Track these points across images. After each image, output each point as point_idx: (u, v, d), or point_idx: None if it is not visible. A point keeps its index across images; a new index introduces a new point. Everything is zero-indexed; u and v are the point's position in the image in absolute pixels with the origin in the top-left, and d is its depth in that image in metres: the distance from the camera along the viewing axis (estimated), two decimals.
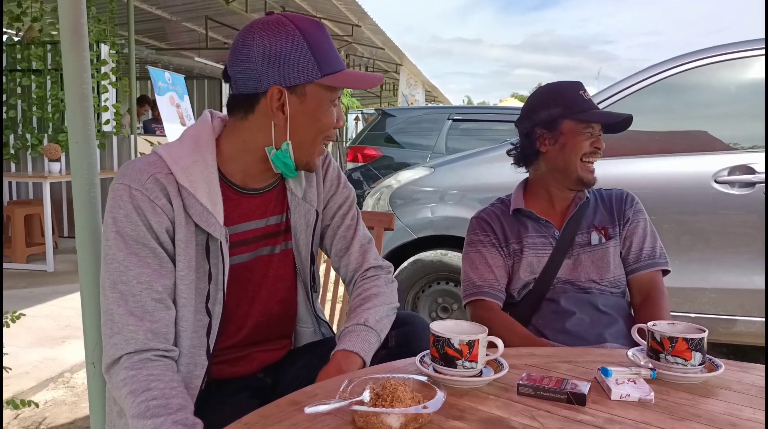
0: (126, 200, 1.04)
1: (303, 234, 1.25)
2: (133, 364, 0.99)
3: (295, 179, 1.23)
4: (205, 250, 1.10)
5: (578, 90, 1.54)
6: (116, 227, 1.03)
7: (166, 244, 1.06)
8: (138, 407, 0.95)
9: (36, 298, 4.07)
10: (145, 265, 1.03)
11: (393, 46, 12.20)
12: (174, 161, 1.08)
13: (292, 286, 1.28)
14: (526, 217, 1.57)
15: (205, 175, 1.09)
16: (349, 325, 1.15)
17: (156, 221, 1.04)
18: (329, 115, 1.12)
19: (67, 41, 1.41)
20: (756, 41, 2.66)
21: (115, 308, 1.02)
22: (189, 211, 1.07)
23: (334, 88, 1.11)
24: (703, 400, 0.91)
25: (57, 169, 5.15)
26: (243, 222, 1.17)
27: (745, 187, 2.55)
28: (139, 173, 1.05)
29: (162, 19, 9.44)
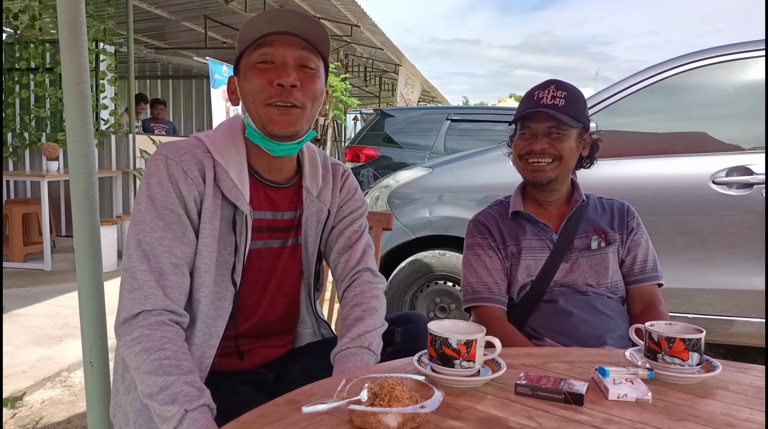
0: (162, 168, 1.11)
1: (313, 230, 1.29)
2: (150, 324, 1.03)
3: (311, 179, 1.27)
4: (232, 223, 1.16)
5: (535, 91, 1.52)
6: (149, 192, 1.10)
7: (192, 214, 1.12)
8: (151, 364, 0.98)
9: (33, 297, 4.06)
10: (170, 229, 1.09)
11: (392, 47, 12.21)
12: (211, 142, 1.17)
13: (297, 282, 1.31)
14: (524, 220, 1.57)
15: (236, 160, 1.17)
16: (353, 346, 1.14)
17: (186, 190, 1.11)
18: (253, 79, 1.14)
19: (65, 40, 1.41)
20: (755, 42, 2.66)
21: (138, 264, 1.06)
22: (220, 184, 1.14)
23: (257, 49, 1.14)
24: (700, 401, 0.91)
25: (55, 168, 5.14)
26: (261, 210, 1.22)
27: (743, 188, 2.56)
28: (177, 148, 1.15)
29: (161, 19, 9.44)
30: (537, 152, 1.48)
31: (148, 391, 0.97)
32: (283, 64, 1.13)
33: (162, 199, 1.10)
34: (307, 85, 1.15)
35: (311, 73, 1.17)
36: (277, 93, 1.13)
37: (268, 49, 1.14)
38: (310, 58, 1.16)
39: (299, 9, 8.94)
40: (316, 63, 1.18)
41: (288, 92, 1.13)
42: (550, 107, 1.46)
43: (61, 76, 1.45)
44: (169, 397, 0.95)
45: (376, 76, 16.79)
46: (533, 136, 1.50)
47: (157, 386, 0.96)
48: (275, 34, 1.14)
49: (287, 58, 1.14)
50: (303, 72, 1.15)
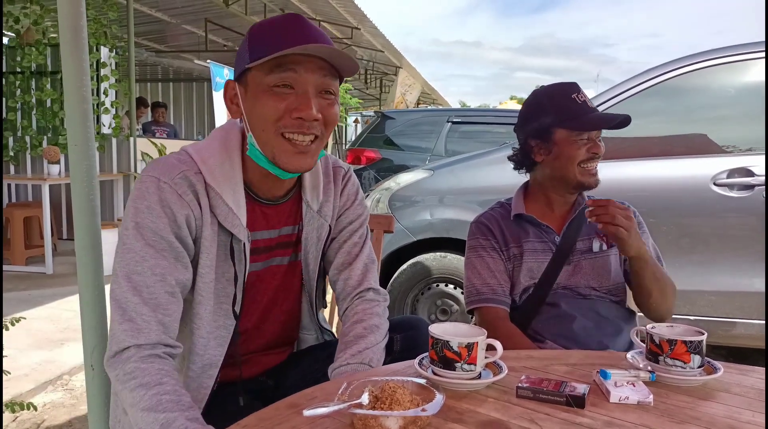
0: (152, 191, 1.02)
1: (313, 247, 1.22)
2: (144, 358, 0.96)
3: (311, 191, 1.20)
4: (230, 251, 1.10)
5: (571, 94, 1.49)
6: (137, 218, 1.02)
7: (186, 239, 1.05)
8: (150, 400, 0.92)
9: (35, 301, 4.06)
10: (161, 257, 1.01)
11: (392, 49, 12.21)
12: (203, 161, 1.08)
13: (297, 298, 1.27)
14: (526, 222, 1.57)
15: (231, 177, 1.09)
16: (353, 362, 1.10)
17: (181, 214, 1.03)
18: (267, 103, 1.02)
19: (66, 44, 1.41)
20: (756, 44, 2.66)
21: (130, 297, 0.99)
22: (215, 211, 1.07)
23: (275, 72, 1.01)
24: (702, 403, 0.91)
25: (56, 172, 5.15)
26: (258, 230, 1.15)
27: (744, 189, 2.55)
28: (169, 168, 1.05)
29: (162, 22, 9.45)
30: (597, 156, 1.51)
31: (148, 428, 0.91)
32: (305, 94, 1.02)
33: (152, 225, 1.01)
34: (327, 114, 1.05)
35: (332, 100, 1.06)
36: (295, 125, 1.03)
37: (290, 74, 1.01)
38: (331, 84, 1.05)
39: (299, 12, 8.97)
40: (336, 86, 1.07)
41: (309, 125, 1.03)
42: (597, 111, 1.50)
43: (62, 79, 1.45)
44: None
45: (377, 78, 16.80)
46: (591, 142, 1.50)
47: (158, 423, 0.89)
48: (299, 56, 1.00)
49: (309, 86, 1.02)
50: (324, 99, 1.05)
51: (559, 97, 1.51)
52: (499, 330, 1.44)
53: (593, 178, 1.51)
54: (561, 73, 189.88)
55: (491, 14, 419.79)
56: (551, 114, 1.50)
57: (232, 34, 9.75)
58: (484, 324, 1.50)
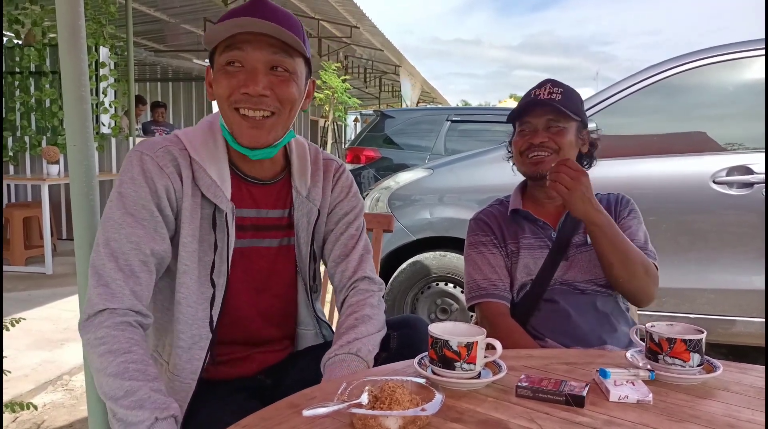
0: (135, 163, 1.08)
1: (304, 232, 1.25)
2: (116, 325, 0.99)
3: (299, 177, 1.23)
4: (212, 222, 1.13)
5: (532, 90, 1.53)
6: (120, 188, 1.07)
7: (166, 210, 1.09)
8: (117, 367, 0.95)
9: (34, 301, 4.06)
10: (139, 226, 1.06)
11: (391, 48, 12.21)
12: (188, 140, 1.14)
13: (292, 283, 1.29)
14: (523, 218, 1.57)
15: (215, 155, 1.14)
16: (341, 352, 1.11)
17: (161, 185, 1.08)
18: (221, 81, 1.08)
19: (64, 44, 1.41)
20: (755, 41, 2.66)
21: (106, 262, 1.03)
22: (198, 182, 1.11)
23: (225, 51, 1.07)
24: (701, 402, 0.91)
25: (56, 172, 5.14)
26: (244, 208, 1.18)
27: (744, 187, 2.56)
28: (153, 143, 1.12)
29: (160, 21, 9.46)
30: (537, 145, 1.48)
31: (112, 394, 0.94)
32: (252, 70, 1.07)
33: (133, 195, 1.06)
34: (280, 90, 1.09)
35: (285, 77, 1.09)
36: (244, 99, 1.07)
37: (237, 52, 1.06)
38: (283, 61, 1.08)
39: (298, 11, 8.96)
40: (292, 64, 1.10)
41: (257, 100, 1.07)
42: (549, 102, 1.47)
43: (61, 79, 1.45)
44: (136, 402, 0.92)
45: (376, 77, 16.80)
46: (532, 131, 1.50)
47: (122, 390, 0.93)
48: (245, 34, 1.05)
49: (257, 62, 1.07)
50: (275, 76, 1.08)
51: (522, 98, 1.56)
52: (500, 326, 1.44)
53: (536, 167, 1.49)
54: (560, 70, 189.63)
55: (490, 12, 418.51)
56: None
57: None
58: (485, 320, 1.50)
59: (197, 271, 1.12)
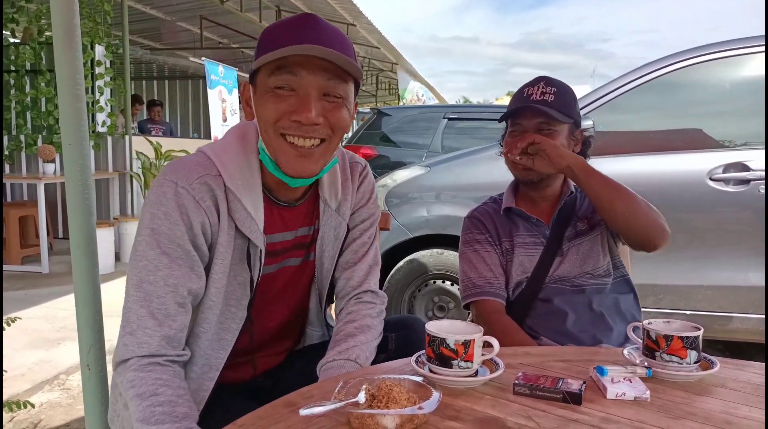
0: (170, 197, 0.99)
1: (330, 246, 1.20)
2: (142, 367, 0.96)
3: (329, 188, 1.17)
4: (247, 256, 1.08)
5: (525, 88, 1.51)
6: (153, 224, 0.99)
7: (202, 247, 1.03)
8: (143, 412, 0.92)
9: (31, 300, 4.05)
10: (176, 266, 0.99)
11: (389, 46, 12.20)
12: (222, 164, 1.05)
13: (305, 296, 1.26)
14: (516, 216, 1.57)
15: (250, 181, 1.06)
16: (339, 358, 1.10)
17: (198, 221, 1.01)
18: (268, 105, 1.01)
19: (59, 42, 1.40)
20: (752, 39, 2.67)
21: (136, 308, 0.98)
22: (233, 215, 1.04)
23: (275, 74, 0.99)
24: (698, 399, 0.91)
25: (51, 171, 5.13)
26: (274, 232, 1.13)
27: (740, 184, 2.56)
28: (188, 172, 1.02)
29: (157, 19, 9.42)
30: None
31: None
32: (305, 97, 0.99)
33: (168, 232, 0.99)
34: (332, 117, 1.01)
35: (337, 103, 1.02)
36: (294, 127, 1.00)
37: (288, 76, 0.98)
38: (337, 87, 1.01)
39: (295, 9, 8.94)
40: (345, 89, 1.02)
41: (308, 129, 1.00)
42: (539, 103, 1.46)
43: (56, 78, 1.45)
44: None
45: (373, 75, 16.78)
46: (518, 137, 1.48)
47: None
48: (300, 57, 0.97)
49: (310, 88, 0.99)
50: (328, 102, 1.01)
51: (514, 94, 1.54)
52: (496, 324, 1.44)
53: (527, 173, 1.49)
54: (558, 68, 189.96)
55: (488, 10, 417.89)
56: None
57: (227, 32, 9.72)
58: (480, 318, 1.50)
59: (221, 305, 1.08)
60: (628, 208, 1.38)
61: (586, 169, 1.39)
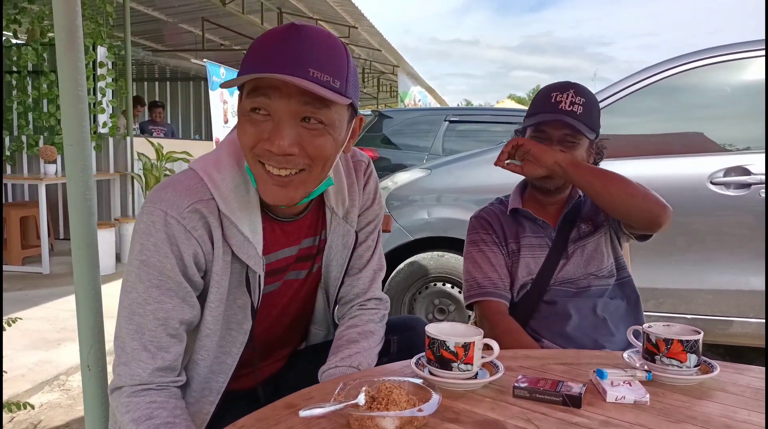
0: (159, 228, 0.94)
1: (339, 255, 1.16)
2: (135, 393, 0.95)
3: (336, 196, 1.11)
4: (246, 281, 1.04)
5: (552, 92, 1.48)
6: (142, 256, 0.95)
7: (194, 278, 0.99)
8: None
9: (31, 301, 4.05)
10: (166, 299, 0.96)
11: (390, 48, 12.21)
12: (215, 186, 0.98)
13: (309, 303, 1.22)
14: (523, 218, 1.57)
15: (247, 201, 1.00)
16: (342, 365, 1.07)
17: (189, 253, 0.96)
18: (243, 128, 0.93)
19: (62, 43, 1.40)
20: (752, 43, 2.67)
21: (129, 341, 0.96)
22: (229, 241, 0.99)
23: (250, 96, 0.91)
24: (698, 402, 0.91)
25: (53, 171, 5.13)
26: (276, 250, 1.09)
27: (741, 188, 2.56)
28: (178, 198, 0.95)
29: (159, 21, 9.44)
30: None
31: None
32: (278, 123, 0.90)
33: (158, 265, 0.95)
34: (310, 146, 0.92)
35: (318, 131, 0.92)
36: (267, 155, 0.92)
37: (262, 99, 0.90)
38: (316, 112, 0.90)
39: (296, 11, 8.96)
40: (328, 114, 0.92)
41: (282, 159, 0.92)
42: (569, 114, 1.43)
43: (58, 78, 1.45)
44: None
45: (374, 77, 16.79)
46: (547, 142, 1.46)
47: None
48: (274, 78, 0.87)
49: (284, 114, 0.90)
50: (306, 129, 0.91)
51: (540, 96, 1.52)
52: (500, 325, 1.44)
53: (545, 181, 1.48)
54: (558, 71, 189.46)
55: (488, 13, 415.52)
56: (529, 113, 1.53)
57: (228, 33, 9.73)
58: (484, 318, 1.50)
59: (220, 333, 1.05)
60: (624, 190, 1.37)
61: (574, 163, 1.39)
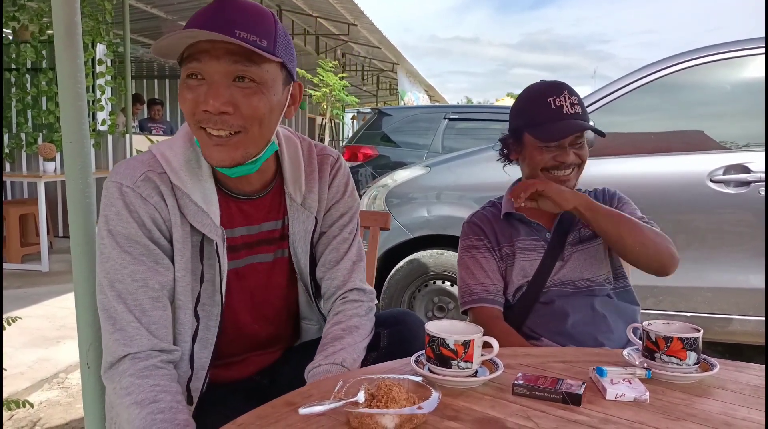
0: (116, 197, 1.00)
1: (301, 241, 1.18)
2: (138, 372, 0.95)
3: (293, 183, 1.15)
4: (200, 251, 1.06)
5: (548, 97, 1.45)
6: (108, 226, 1.00)
7: (161, 241, 1.03)
8: (144, 420, 0.91)
9: (31, 299, 4.05)
10: (140, 262, 1.00)
11: (389, 45, 12.20)
12: (167, 161, 1.04)
13: (288, 293, 1.24)
14: (517, 221, 1.56)
15: (198, 175, 1.05)
16: (326, 363, 1.07)
17: (148, 218, 1.01)
18: (183, 96, 0.98)
19: (60, 40, 1.40)
20: (752, 40, 2.67)
21: (115, 305, 0.99)
22: (183, 211, 1.03)
23: (185, 63, 0.97)
24: (698, 400, 0.91)
25: (52, 169, 5.13)
26: (233, 227, 1.11)
27: (741, 186, 2.56)
28: (131, 171, 1.02)
29: (158, 18, 9.42)
30: (567, 165, 1.46)
31: None
32: (212, 84, 0.95)
33: (124, 232, 1.00)
34: (244, 105, 0.96)
35: (251, 89, 0.97)
36: (205, 119, 0.97)
37: (195, 64, 0.95)
38: (247, 70, 0.95)
39: (296, 8, 8.95)
40: (259, 73, 0.97)
41: (218, 119, 0.96)
42: (575, 117, 1.43)
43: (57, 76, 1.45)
44: None
45: (374, 75, 16.78)
46: (560, 149, 1.45)
47: None
48: (203, 42, 0.93)
49: (216, 74, 0.95)
50: (239, 88, 0.96)
51: (533, 100, 1.50)
52: (494, 330, 1.43)
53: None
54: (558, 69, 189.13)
55: (488, 11, 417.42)
56: (522, 117, 1.51)
57: None
58: (478, 324, 1.49)
59: (192, 306, 1.07)
60: (637, 239, 1.40)
61: (592, 207, 1.39)
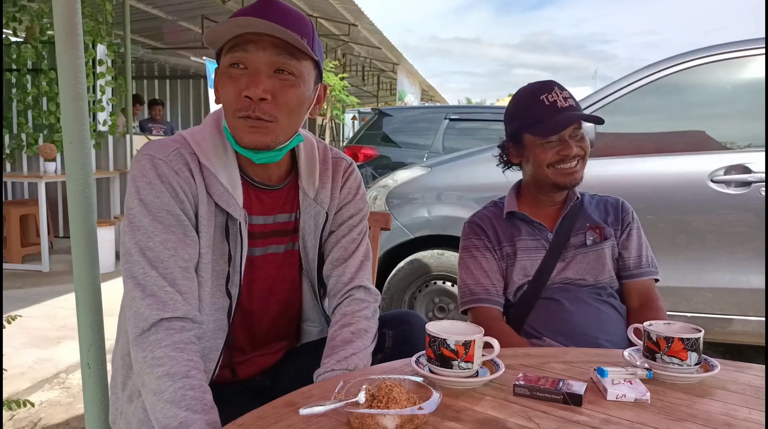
0: (149, 168, 1.03)
1: (312, 235, 1.21)
2: (174, 344, 0.95)
3: (307, 178, 1.19)
4: (225, 230, 1.09)
5: (540, 95, 1.47)
6: (139, 196, 1.02)
7: (189, 214, 1.05)
8: (174, 393, 0.91)
9: (31, 299, 4.05)
10: (170, 232, 1.02)
11: (390, 46, 12.21)
12: (197, 143, 1.08)
13: (295, 288, 1.25)
14: (519, 220, 1.57)
15: (225, 160, 1.09)
16: (338, 368, 1.07)
17: (180, 189, 1.04)
18: (225, 85, 1.04)
19: (61, 41, 1.40)
20: (753, 41, 2.66)
21: (148, 270, 0.99)
22: (210, 190, 1.07)
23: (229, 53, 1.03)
24: (699, 400, 0.91)
25: (53, 169, 5.13)
26: (254, 214, 1.15)
27: (741, 186, 2.56)
28: (163, 146, 1.06)
29: (158, 19, 9.43)
30: (568, 159, 1.46)
31: (166, 422, 0.89)
32: (255, 72, 1.02)
33: (156, 201, 1.02)
34: (281, 96, 1.03)
35: (289, 81, 1.04)
36: (245, 106, 1.02)
37: (241, 53, 1.02)
38: (288, 63, 1.03)
39: (296, 8, 8.94)
40: (298, 67, 1.04)
41: (256, 106, 1.02)
42: (571, 109, 1.45)
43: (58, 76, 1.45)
44: None
45: (374, 75, 16.79)
46: (562, 143, 1.46)
47: (177, 420, 0.89)
48: (249, 35, 1.01)
49: (260, 63, 1.02)
50: (279, 79, 1.03)
51: (526, 101, 1.51)
52: (493, 330, 1.43)
53: (570, 178, 1.48)
54: (559, 69, 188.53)
55: (489, 11, 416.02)
56: (518, 119, 1.52)
57: None
58: (477, 324, 1.50)
59: (211, 282, 1.08)
60: None
61: None
